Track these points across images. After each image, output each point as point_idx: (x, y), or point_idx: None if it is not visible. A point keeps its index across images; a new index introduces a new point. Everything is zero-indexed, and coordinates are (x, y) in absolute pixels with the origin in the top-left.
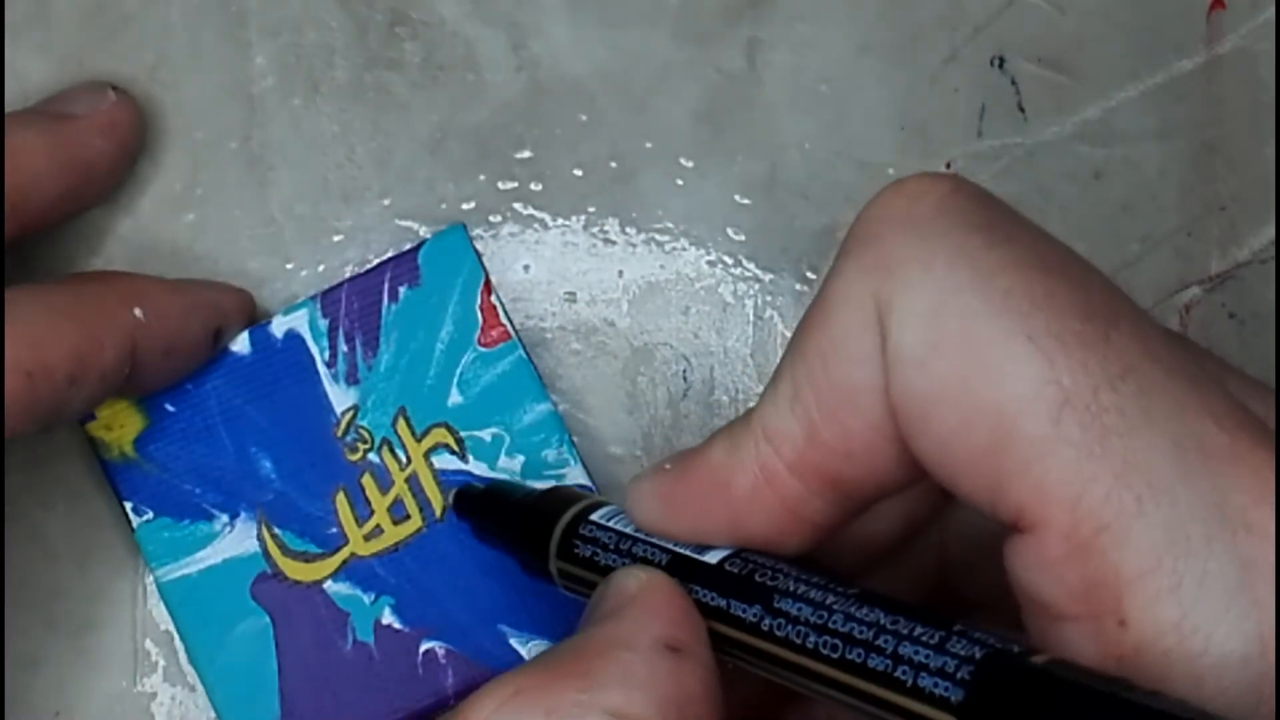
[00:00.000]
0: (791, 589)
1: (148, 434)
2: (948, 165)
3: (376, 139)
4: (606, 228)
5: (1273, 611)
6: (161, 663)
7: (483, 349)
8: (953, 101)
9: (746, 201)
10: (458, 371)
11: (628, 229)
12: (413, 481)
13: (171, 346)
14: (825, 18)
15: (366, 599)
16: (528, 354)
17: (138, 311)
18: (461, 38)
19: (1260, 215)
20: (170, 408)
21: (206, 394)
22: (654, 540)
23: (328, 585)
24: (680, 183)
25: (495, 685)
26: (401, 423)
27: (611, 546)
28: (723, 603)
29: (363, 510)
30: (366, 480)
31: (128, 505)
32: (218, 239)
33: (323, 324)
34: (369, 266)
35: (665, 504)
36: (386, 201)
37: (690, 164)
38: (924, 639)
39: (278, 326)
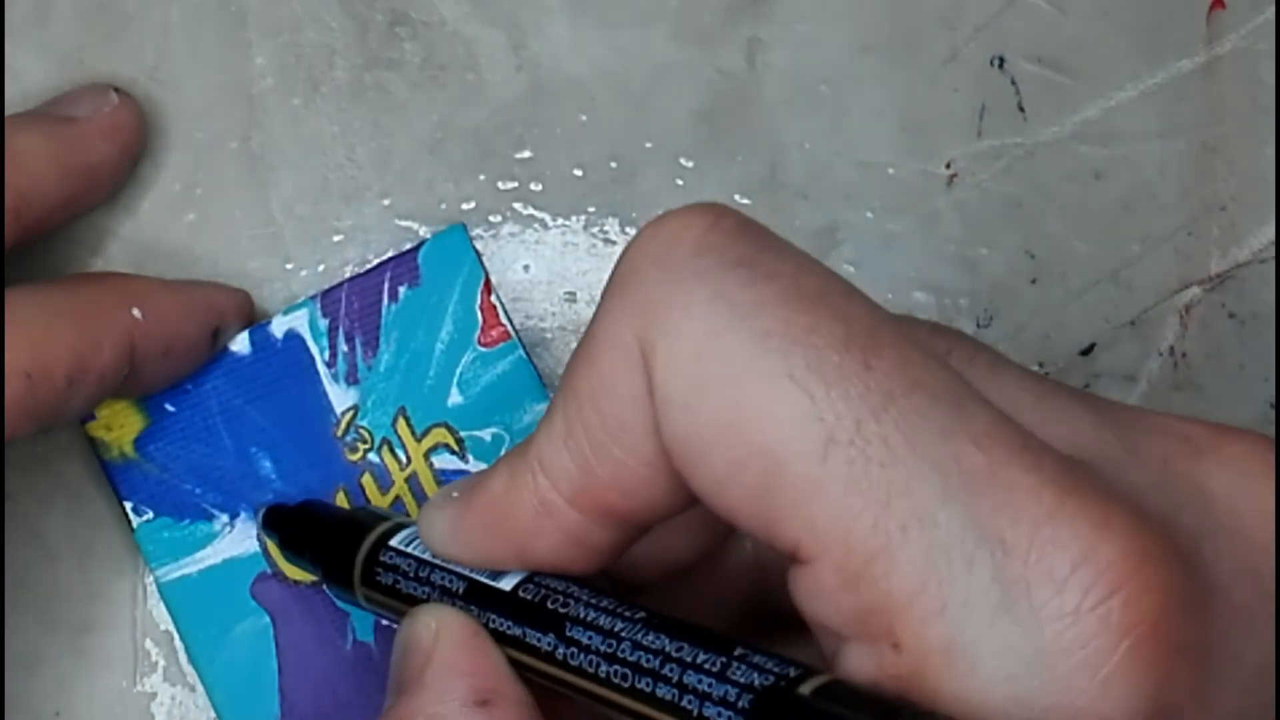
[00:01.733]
0: (582, 616)
1: (148, 434)
2: (948, 165)
3: (376, 139)
4: (606, 228)
5: (1038, 631)
6: (161, 663)
7: (483, 349)
8: (953, 101)
9: (746, 201)
10: (458, 371)
11: (628, 229)
12: (413, 481)
13: (170, 346)
14: (825, 18)
15: None
16: (528, 354)
17: (136, 312)
18: (461, 38)
19: (1260, 215)
20: (170, 408)
21: (206, 394)
22: (450, 567)
23: (328, 585)
24: (680, 183)
25: None
26: (401, 423)
27: (411, 574)
28: (518, 631)
29: None
30: (366, 480)
31: (128, 505)
32: (218, 239)
33: (323, 324)
34: (369, 266)
35: (453, 532)
36: (386, 201)
37: (690, 164)
38: (707, 666)
39: (278, 326)
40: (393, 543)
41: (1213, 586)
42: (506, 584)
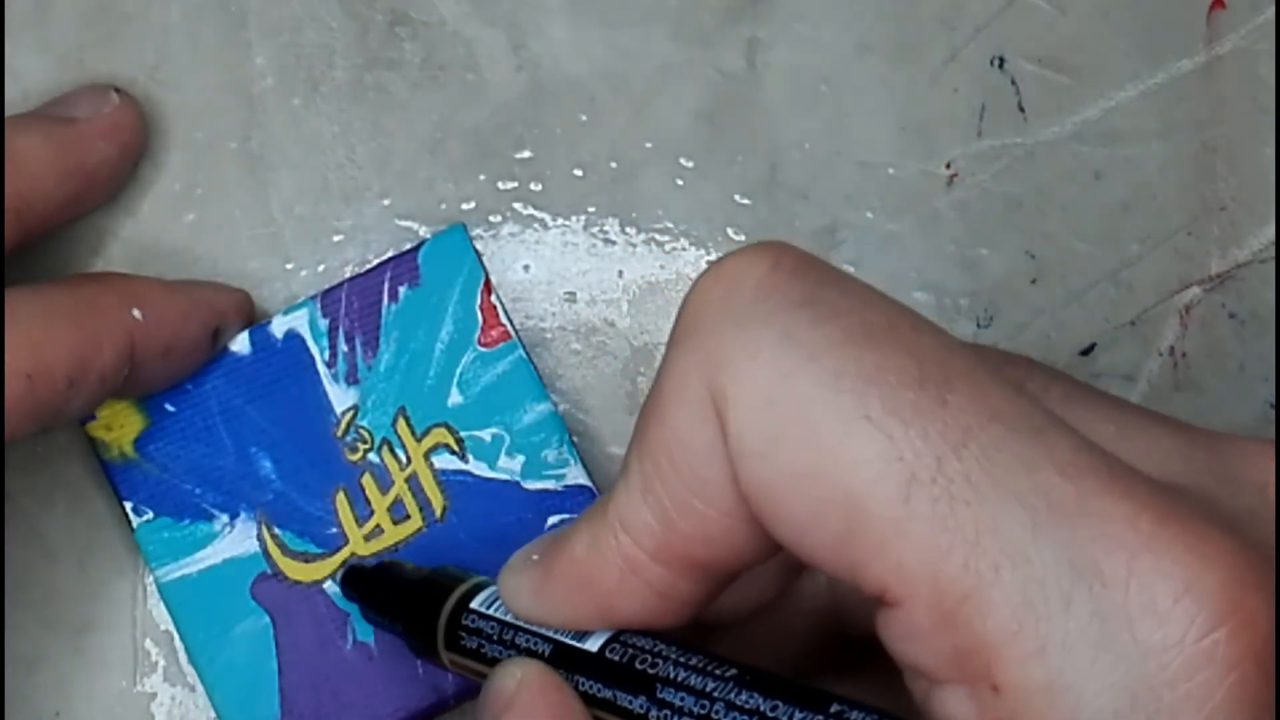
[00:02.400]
0: (673, 676)
1: (148, 434)
2: (948, 165)
3: (376, 139)
4: (606, 228)
5: (1138, 664)
6: (161, 663)
7: (483, 349)
8: (953, 101)
9: (746, 201)
10: (458, 371)
11: (628, 229)
12: (413, 482)
13: (170, 346)
14: (825, 18)
15: None
16: (528, 354)
17: (136, 312)
18: (461, 38)
19: (1260, 215)
20: (170, 408)
21: (206, 394)
22: (535, 629)
23: (328, 585)
24: (680, 183)
25: None
26: (401, 423)
27: (495, 637)
28: (609, 694)
29: (363, 510)
30: (366, 480)
31: (128, 505)
32: (218, 239)
33: (323, 324)
34: (369, 266)
35: (537, 597)
36: (386, 201)
37: (690, 164)
38: None
39: (278, 326)
40: (475, 604)
41: None
42: (593, 644)
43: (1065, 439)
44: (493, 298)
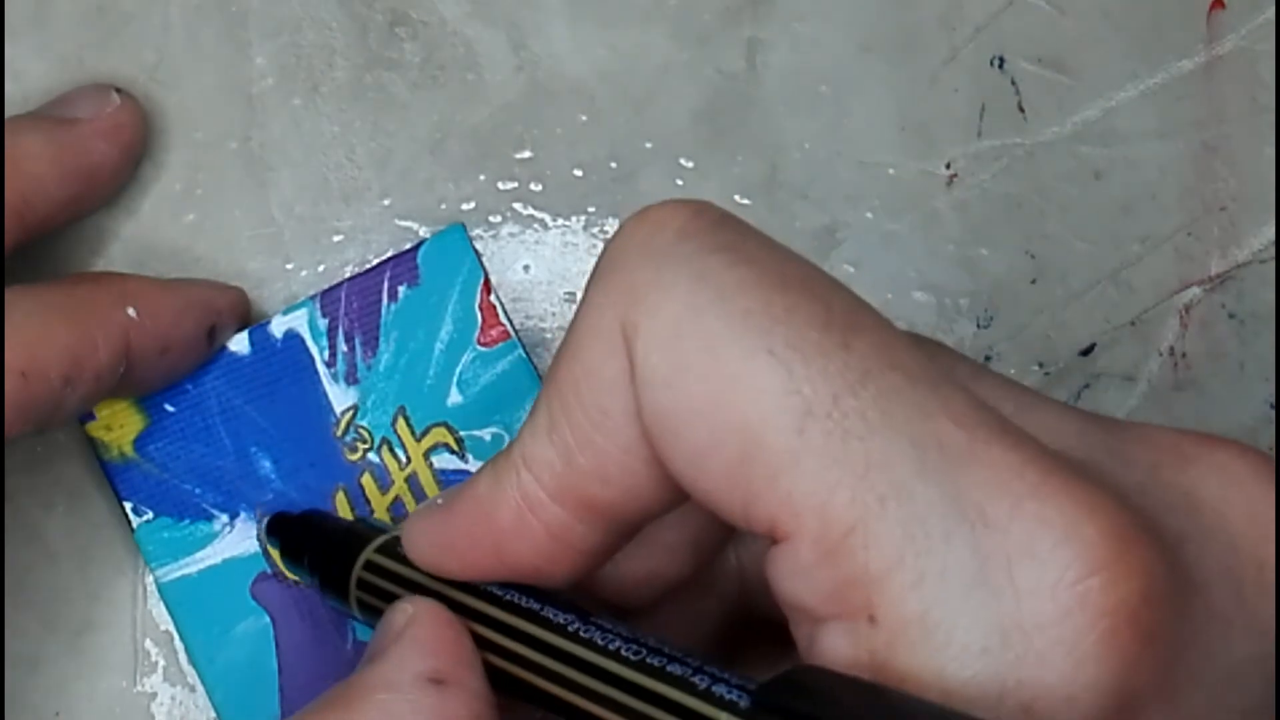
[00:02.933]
0: (555, 612)
1: (147, 434)
2: (947, 165)
3: (376, 139)
4: (606, 228)
5: (1015, 605)
6: (161, 663)
7: (482, 348)
8: (953, 101)
9: (746, 201)
10: (457, 371)
11: None
12: (412, 481)
13: (166, 345)
14: (825, 18)
15: None
16: (527, 353)
17: (131, 311)
18: (461, 38)
19: (1260, 215)
20: (170, 408)
21: (206, 394)
22: (433, 583)
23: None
24: (680, 183)
25: None
26: (401, 422)
27: (405, 585)
28: (536, 605)
29: (363, 510)
30: (366, 480)
31: (127, 505)
32: (218, 239)
33: (322, 324)
34: (368, 266)
35: (436, 541)
36: (386, 201)
37: (690, 164)
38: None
39: (277, 326)
40: (384, 559)
41: (1192, 585)
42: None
43: (961, 395)
44: (492, 297)
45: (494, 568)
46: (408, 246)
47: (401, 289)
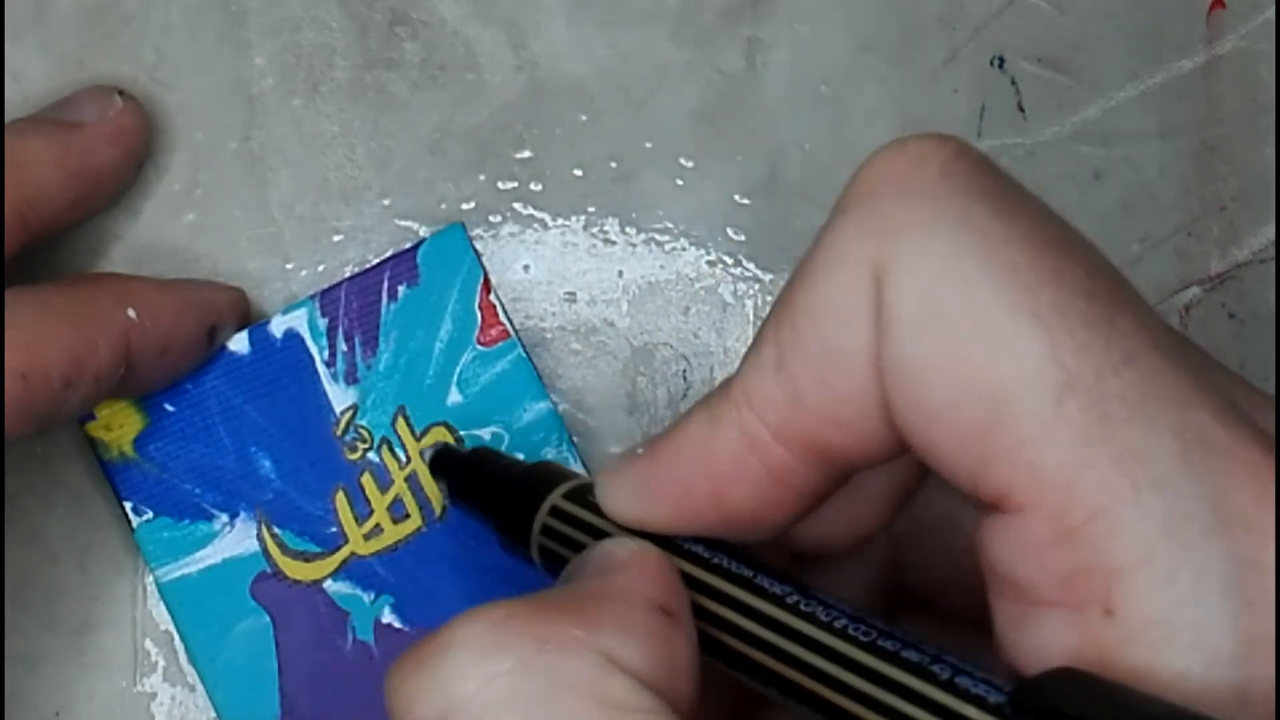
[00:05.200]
0: (768, 579)
1: (147, 434)
2: None
3: (376, 139)
4: (606, 228)
5: (1267, 615)
6: (161, 663)
7: (482, 348)
8: (953, 101)
9: (746, 201)
10: (457, 370)
11: (627, 229)
12: (412, 480)
13: (166, 346)
14: (825, 18)
15: (366, 598)
16: (526, 352)
17: (131, 312)
18: (461, 38)
19: (1260, 215)
20: (169, 407)
21: (206, 394)
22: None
23: (328, 584)
24: (680, 183)
25: (487, 608)
26: (401, 422)
27: (596, 535)
28: (748, 573)
29: (362, 509)
30: (366, 479)
31: (127, 505)
32: (218, 239)
33: (322, 323)
34: (368, 266)
35: (642, 488)
36: (386, 201)
37: (690, 164)
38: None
39: (277, 326)
40: (573, 506)
41: None
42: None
43: (1219, 390)
44: (491, 296)
45: (706, 515)
46: (407, 246)
47: (401, 288)
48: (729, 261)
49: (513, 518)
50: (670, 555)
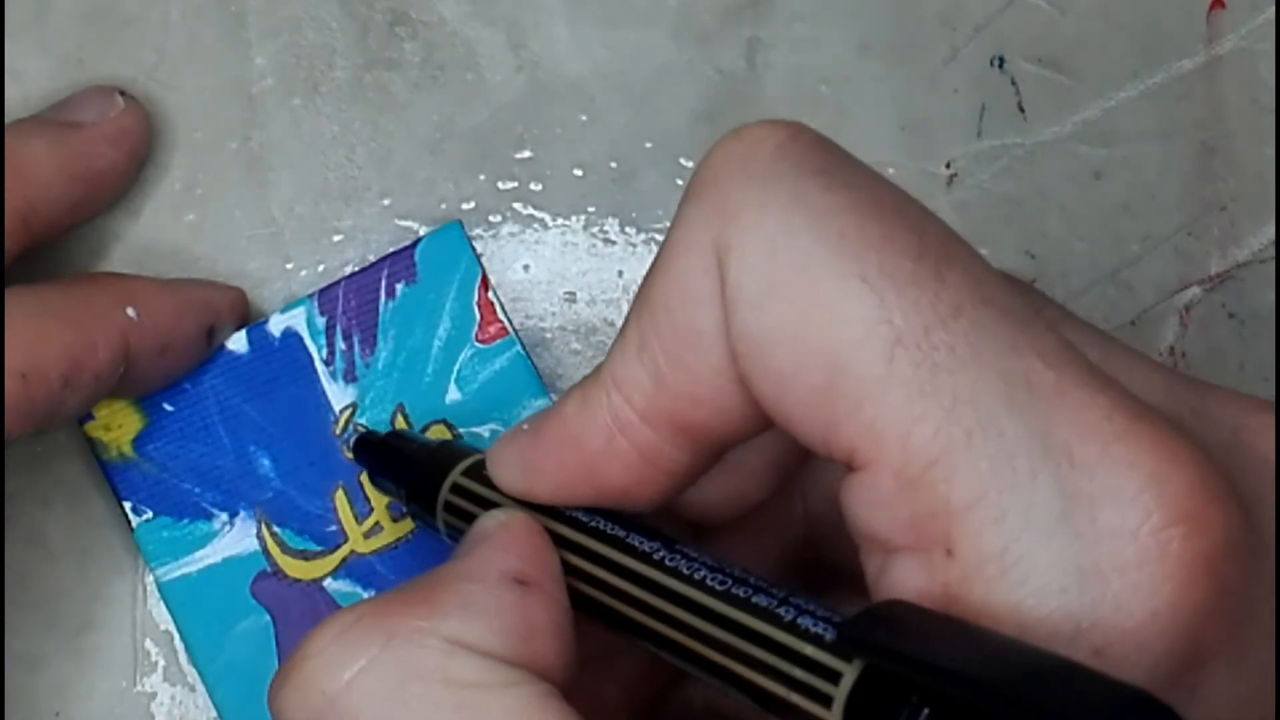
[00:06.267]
0: (639, 539)
1: (146, 434)
2: (948, 165)
3: (376, 139)
4: (606, 228)
5: (1095, 546)
6: (161, 663)
7: (480, 345)
8: (953, 101)
9: None
10: (456, 368)
11: (627, 229)
12: None
13: (165, 345)
14: (825, 18)
15: (367, 596)
16: (525, 350)
17: (130, 311)
18: (461, 38)
19: (1260, 215)
20: (168, 407)
21: (204, 393)
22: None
23: (328, 583)
24: (680, 183)
25: (340, 613)
26: (400, 420)
27: (490, 509)
28: (621, 533)
29: (362, 508)
30: (365, 478)
31: (127, 505)
32: (218, 239)
33: (320, 322)
34: (366, 264)
35: (524, 464)
36: (386, 201)
37: (690, 164)
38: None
39: (275, 325)
40: (470, 482)
41: (1265, 547)
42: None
43: (1051, 334)
44: (490, 294)
45: (581, 491)
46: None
47: (399, 286)
48: None
49: (421, 495)
50: (550, 520)
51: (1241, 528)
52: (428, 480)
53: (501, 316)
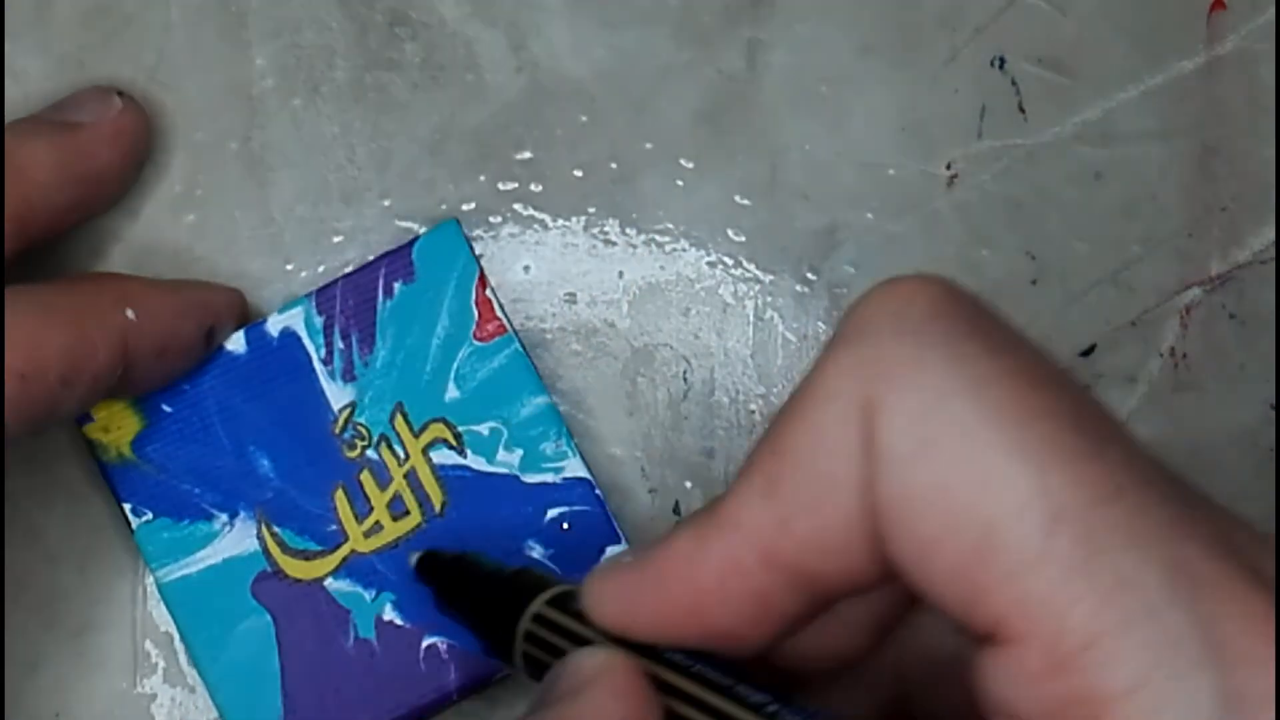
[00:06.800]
0: (750, 691)
1: (145, 435)
2: (948, 166)
3: (376, 139)
4: (606, 228)
5: None
6: (161, 664)
7: (479, 343)
8: (953, 102)
9: (746, 202)
10: (454, 366)
11: (628, 230)
12: (411, 477)
13: (164, 347)
14: (825, 18)
15: (367, 596)
16: (523, 347)
17: (129, 312)
18: (461, 38)
19: (1260, 215)
20: (167, 408)
21: (203, 394)
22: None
23: (328, 583)
24: (680, 183)
25: None
26: (399, 418)
27: (579, 642)
28: (727, 681)
29: (362, 507)
30: (365, 477)
31: (127, 507)
32: (218, 240)
33: (318, 321)
34: (363, 263)
35: (627, 598)
36: (386, 202)
37: (690, 165)
38: None
39: (273, 325)
40: (556, 612)
41: None
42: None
43: (1209, 523)
44: (488, 291)
45: (686, 630)
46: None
47: (397, 285)
48: (729, 262)
49: (496, 625)
50: (648, 661)
51: None
52: (506, 607)
53: (499, 314)
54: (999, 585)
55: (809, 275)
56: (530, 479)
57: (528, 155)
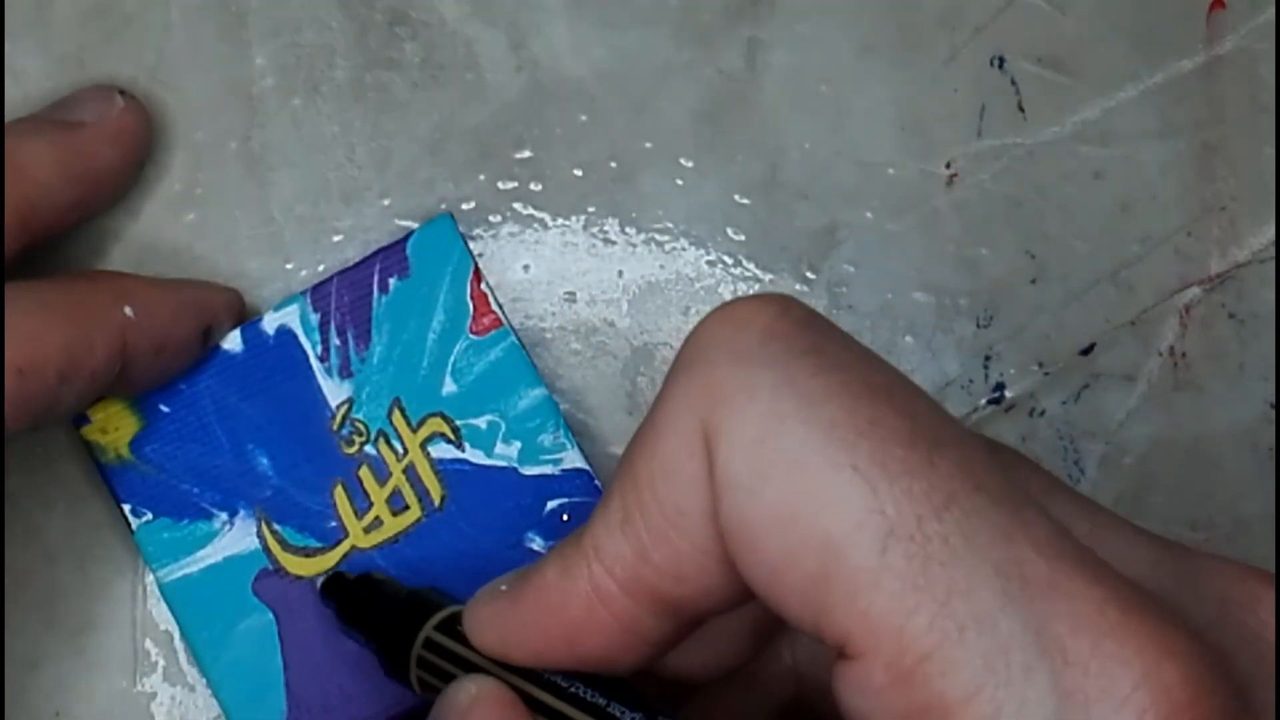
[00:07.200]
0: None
1: (143, 435)
2: (948, 165)
3: (376, 139)
4: (606, 228)
5: None
6: (161, 663)
7: (475, 337)
8: (953, 101)
9: (746, 201)
10: (451, 360)
11: (627, 229)
12: (410, 472)
13: (162, 345)
14: (825, 18)
15: None
16: (519, 339)
17: (128, 310)
18: (461, 38)
19: (1260, 215)
20: (165, 408)
21: (200, 393)
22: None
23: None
24: (680, 183)
25: None
26: (397, 414)
27: (466, 667)
28: (602, 701)
29: (361, 503)
30: (364, 473)
31: (126, 507)
32: (218, 239)
33: (314, 318)
34: (358, 260)
35: (502, 628)
36: (386, 202)
37: (690, 164)
38: None
39: (269, 323)
40: (445, 638)
41: None
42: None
43: (1043, 520)
44: (483, 285)
45: (560, 656)
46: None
47: (392, 281)
48: (729, 261)
49: (393, 648)
50: (527, 684)
51: (1237, 716)
52: (401, 631)
53: (495, 307)
54: (842, 604)
55: (808, 274)
56: (529, 471)
57: (527, 154)
